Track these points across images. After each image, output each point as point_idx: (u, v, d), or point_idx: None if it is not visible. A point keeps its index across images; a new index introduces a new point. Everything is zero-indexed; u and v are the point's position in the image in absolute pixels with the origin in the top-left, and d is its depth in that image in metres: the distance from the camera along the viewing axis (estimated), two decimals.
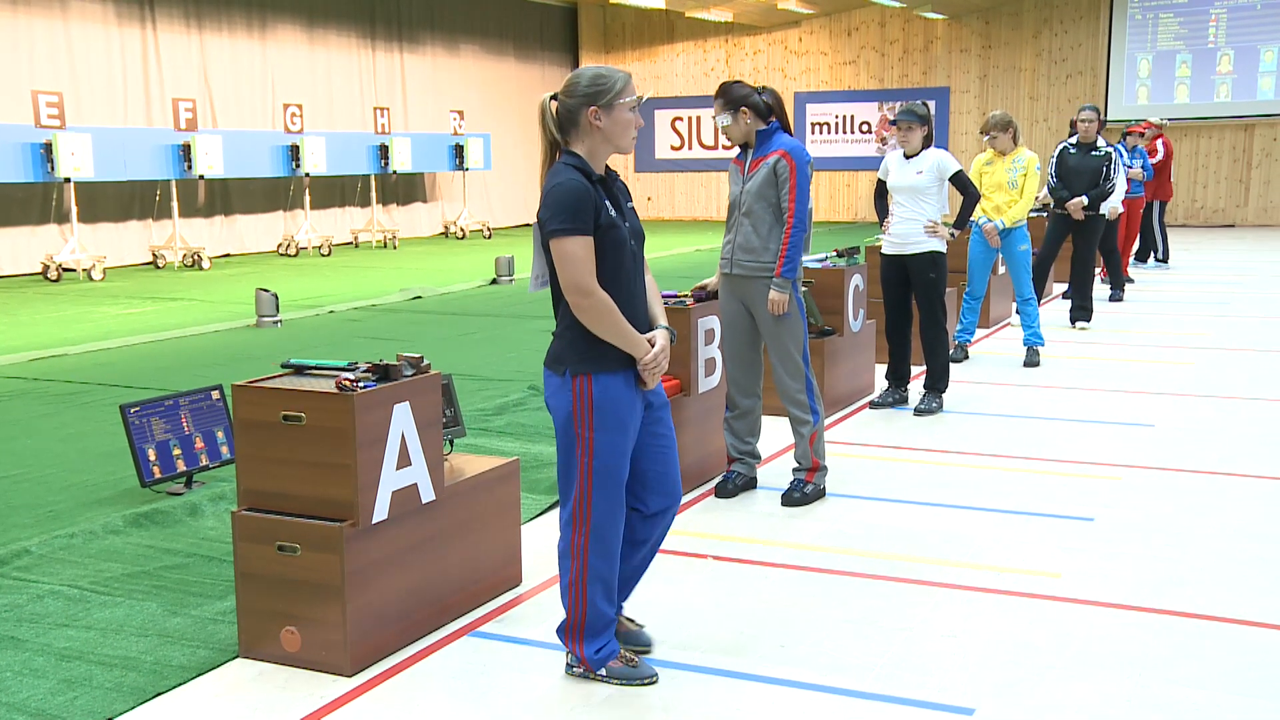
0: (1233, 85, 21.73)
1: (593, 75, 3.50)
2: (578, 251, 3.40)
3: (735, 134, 5.36)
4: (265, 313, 11.00)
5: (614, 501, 3.57)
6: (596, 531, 3.56)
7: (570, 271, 3.41)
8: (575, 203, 3.40)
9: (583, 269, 3.41)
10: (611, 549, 3.60)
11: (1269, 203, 21.79)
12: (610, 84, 3.49)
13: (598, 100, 3.47)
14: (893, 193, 7.22)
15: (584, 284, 3.41)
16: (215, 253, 18.18)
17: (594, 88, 3.48)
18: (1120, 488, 5.69)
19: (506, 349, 9.70)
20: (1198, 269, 15.28)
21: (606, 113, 3.48)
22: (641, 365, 3.54)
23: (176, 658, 3.81)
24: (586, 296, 3.42)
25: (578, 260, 3.40)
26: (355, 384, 3.67)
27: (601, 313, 3.44)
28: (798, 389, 5.49)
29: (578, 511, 3.57)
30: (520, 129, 25.02)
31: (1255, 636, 3.95)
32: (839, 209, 25.22)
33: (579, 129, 3.51)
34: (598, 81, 3.49)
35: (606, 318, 3.45)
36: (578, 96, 3.48)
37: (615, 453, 3.53)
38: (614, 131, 3.51)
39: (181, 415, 5.60)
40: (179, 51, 17.69)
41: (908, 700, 3.51)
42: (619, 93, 3.49)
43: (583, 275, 3.41)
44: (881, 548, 4.88)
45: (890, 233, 7.20)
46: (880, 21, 24.30)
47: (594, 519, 3.56)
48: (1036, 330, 8.94)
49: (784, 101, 5.45)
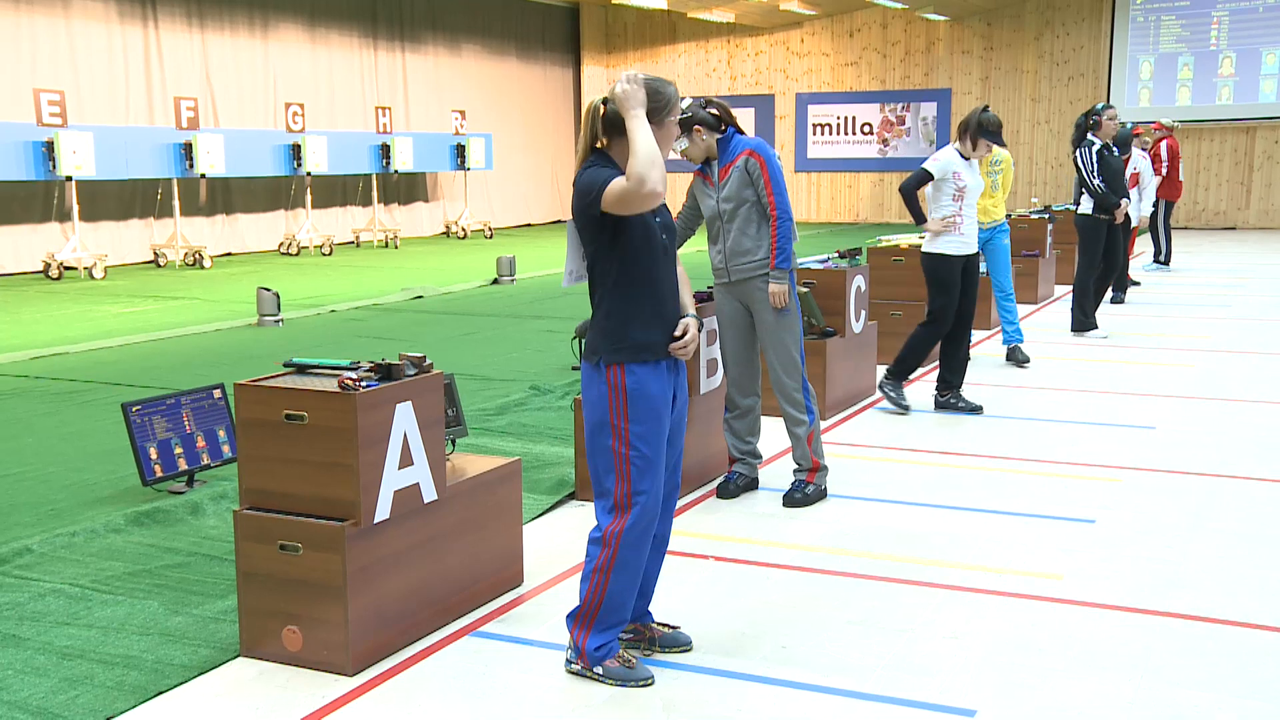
0: (1234, 88, 21.73)
1: (653, 89, 3.56)
2: (614, 183, 3.43)
3: (696, 153, 5.37)
4: (266, 312, 11.00)
5: (654, 492, 3.63)
6: (635, 520, 3.61)
7: (618, 187, 3.42)
8: (602, 174, 3.48)
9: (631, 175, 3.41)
10: (644, 541, 3.64)
11: (1270, 205, 21.79)
12: (665, 99, 3.58)
13: (652, 116, 3.54)
14: (966, 193, 7.19)
15: (643, 174, 3.37)
16: (216, 251, 18.19)
17: (651, 102, 3.54)
18: (1121, 490, 5.69)
19: (508, 349, 9.70)
20: (1199, 271, 15.28)
21: (658, 127, 3.56)
22: (672, 348, 3.63)
23: (178, 657, 3.81)
24: (642, 176, 3.36)
25: (615, 181, 3.45)
26: (357, 383, 3.68)
27: (638, 154, 3.37)
28: (794, 387, 5.49)
29: (620, 501, 3.61)
30: (522, 129, 25.03)
31: (1256, 638, 3.95)
32: (840, 210, 25.22)
33: (624, 137, 3.55)
34: (655, 97, 3.55)
35: (636, 146, 3.38)
36: None
37: (651, 442, 3.59)
38: (659, 143, 3.58)
39: (183, 414, 5.60)
40: (181, 50, 17.70)
41: (909, 701, 3.51)
42: (669, 109, 3.60)
43: (641, 170, 3.37)
44: (883, 549, 4.88)
45: (963, 232, 7.19)
46: (882, 23, 24.30)
47: (635, 508, 3.60)
48: (1018, 326, 8.99)
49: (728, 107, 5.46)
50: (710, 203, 5.46)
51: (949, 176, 7.15)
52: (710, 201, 5.46)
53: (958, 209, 7.15)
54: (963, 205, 7.16)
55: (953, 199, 7.16)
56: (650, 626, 3.89)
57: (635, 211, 3.46)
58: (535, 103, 25.56)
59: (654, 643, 3.86)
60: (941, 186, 7.18)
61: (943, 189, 7.18)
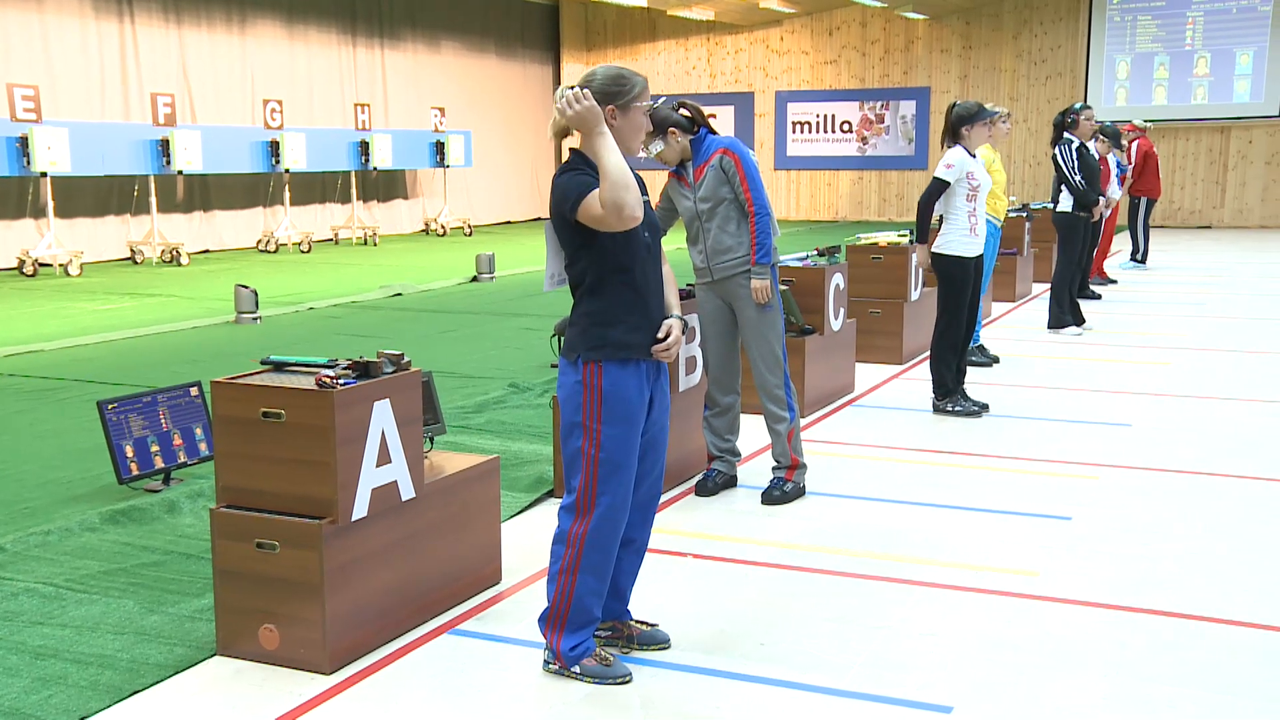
0: (1209, 88, 21.89)
1: (615, 75, 3.55)
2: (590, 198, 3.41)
3: (671, 155, 5.36)
4: (244, 309, 10.95)
5: (620, 496, 3.59)
6: (598, 524, 3.58)
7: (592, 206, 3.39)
8: (580, 183, 3.44)
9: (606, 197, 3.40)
10: (609, 544, 3.61)
11: (1244, 204, 21.95)
12: (630, 85, 3.55)
13: (616, 100, 3.53)
14: (978, 193, 7.17)
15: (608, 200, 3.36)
16: (194, 249, 18.09)
17: (615, 86, 3.53)
18: (1098, 487, 5.72)
19: (487, 347, 9.68)
20: (1175, 270, 15.38)
21: (623, 113, 3.55)
22: (654, 350, 3.59)
23: (153, 655, 3.79)
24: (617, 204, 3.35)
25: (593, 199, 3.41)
26: (335, 381, 3.66)
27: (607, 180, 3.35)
28: (776, 384, 5.50)
29: (582, 501, 3.58)
30: (502, 126, 24.99)
31: (1231, 634, 3.98)
32: (820, 208, 25.28)
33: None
34: (618, 82, 3.54)
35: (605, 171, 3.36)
36: (598, 93, 3.52)
37: (623, 446, 3.56)
38: (627, 132, 3.57)
39: (160, 412, 5.57)
40: (157, 46, 17.59)
41: (887, 698, 3.53)
42: (636, 95, 3.56)
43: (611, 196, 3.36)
44: (861, 546, 4.89)
45: (977, 233, 7.19)
46: (861, 21, 24.37)
47: (597, 511, 3.57)
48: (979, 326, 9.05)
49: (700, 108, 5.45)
50: (688, 203, 5.46)
51: (964, 178, 7.11)
52: (688, 202, 5.46)
53: (971, 209, 7.15)
54: (976, 204, 7.15)
55: (966, 199, 7.13)
56: (628, 624, 3.88)
57: (615, 231, 3.44)
58: (515, 100, 25.52)
59: (632, 640, 3.86)
60: (956, 189, 7.13)
61: (957, 191, 7.12)
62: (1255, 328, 10.57)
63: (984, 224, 7.24)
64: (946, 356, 7.26)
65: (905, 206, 24.40)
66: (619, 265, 3.54)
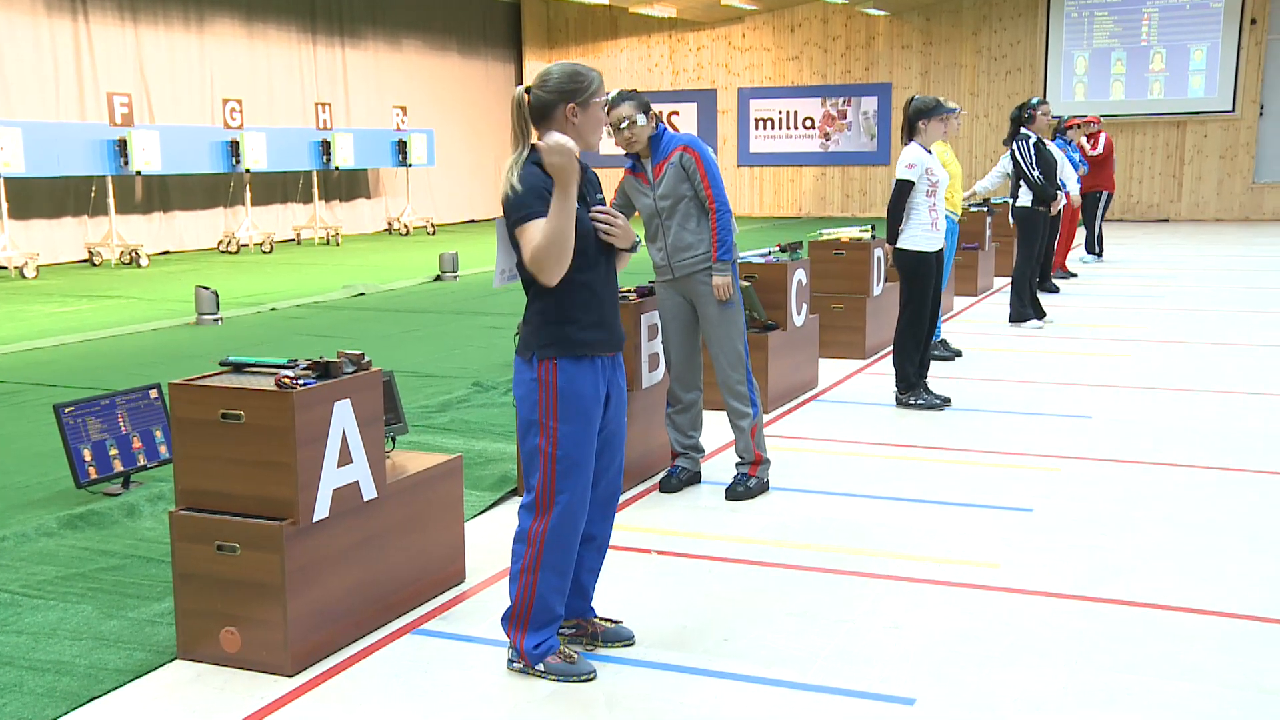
0: (1165, 83, 22.15)
1: (572, 72, 3.54)
2: (534, 234, 3.41)
3: (644, 134, 5.34)
4: (205, 310, 10.85)
5: (578, 493, 3.58)
6: (557, 522, 3.57)
7: (532, 253, 3.42)
8: (531, 195, 3.42)
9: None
10: (569, 542, 3.60)
11: (1200, 198, 22.21)
12: (588, 82, 3.54)
13: (576, 97, 3.53)
14: (937, 188, 7.19)
15: (534, 259, 3.42)
16: (154, 250, 17.91)
17: (573, 84, 3.52)
18: (1058, 479, 5.77)
19: (450, 346, 9.65)
20: (1133, 263, 15.54)
21: (583, 110, 3.54)
22: (593, 215, 3.57)
23: (112, 661, 3.75)
24: (540, 265, 3.41)
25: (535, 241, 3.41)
26: (295, 381, 3.64)
27: (546, 238, 3.38)
28: (738, 379, 5.52)
29: (541, 500, 3.57)
30: (464, 125, 24.90)
31: (1187, 622, 4.02)
32: (783, 204, 25.35)
33: (552, 123, 3.54)
34: (576, 79, 3.53)
35: (549, 231, 3.38)
36: (555, 92, 3.51)
37: (580, 444, 3.55)
38: (587, 128, 3.57)
39: (118, 415, 5.51)
40: (113, 44, 17.39)
41: (850, 691, 3.54)
42: (594, 91, 3.56)
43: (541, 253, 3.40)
44: (824, 540, 4.91)
45: (938, 227, 7.22)
46: (823, 18, 24.46)
47: (556, 509, 3.56)
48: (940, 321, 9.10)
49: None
50: (647, 201, 5.45)
51: (924, 174, 7.15)
52: (646, 200, 5.45)
53: (931, 204, 7.18)
54: (935, 199, 7.19)
55: (926, 195, 7.16)
56: (592, 621, 3.88)
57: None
58: (477, 98, 25.43)
59: (596, 637, 3.86)
60: (916, 186, 7.16)
61: (917, 188, 7.15)
62: (1213, 319, 10.70)
63: (944, 219, 7.28)
64: (910, 351, 7.30)
65: (868, 202, 24.52)
66: (575, 264, 3.52)
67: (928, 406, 7.27)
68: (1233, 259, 15.79)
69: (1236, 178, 21.92)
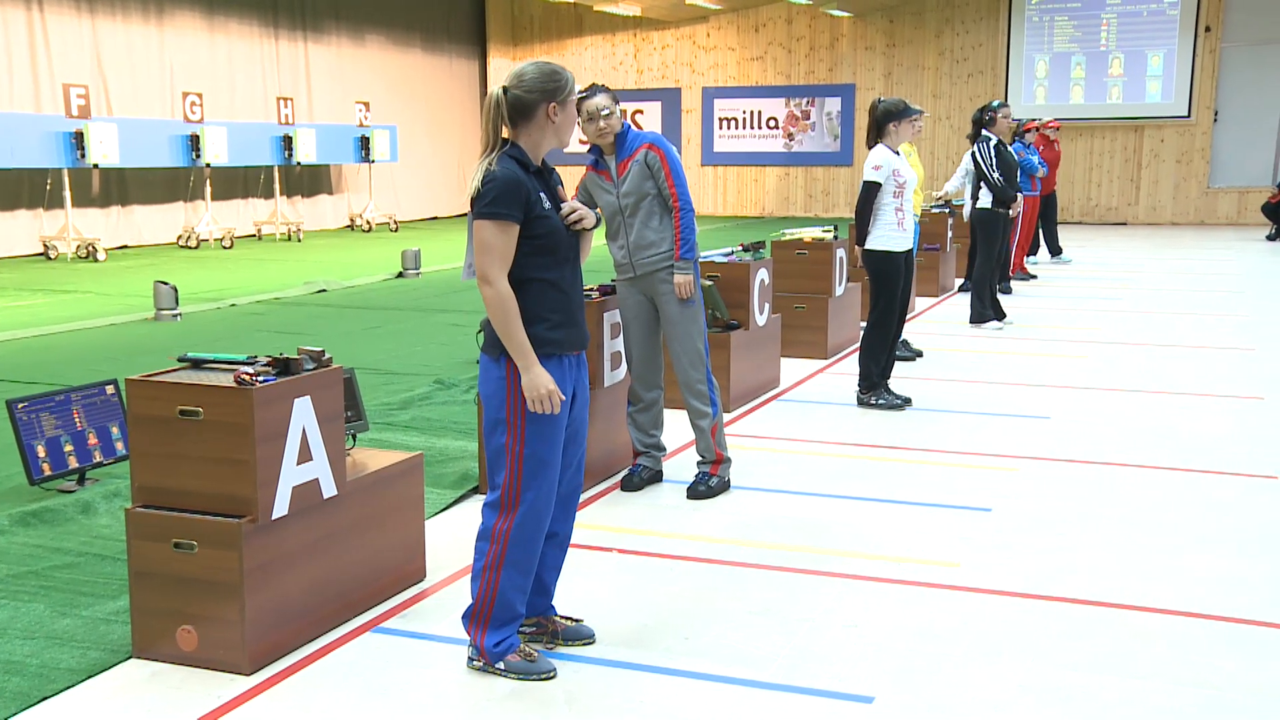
0: (1123, 88, 22.41)
1: (549, 71, 3.58)
2: (490, 239, 3.46)
3: (615, 125, 5.34)
4: (164, 306, 10.74)
5: (544, 492, 3.59)
6: (522, 519, 3.58)
7: (480, 257, 3.49)
8: (505, 190, 3.46)
9: (492, 257, 3.47)
10: (534, 540, 3.61)
11: (1157, 201, 22.49)
12: (566, 81, 3.60)
13: (557, 96, 3.57)
14: (903, 189, 7.21)
15: (487, 272, 3.48)
16: (111, 244, 17.70)
17: (553, 83, 3.56)
18: (1017, 479, 5.82)
19: (413, 343, 9.60)
20: (1092, 265, 15.71)
21: (562, 108, 3.59)
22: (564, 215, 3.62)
23: (65, 660, 3.70)
24: (487, 284, 3.49)
25: (489, 248, 3.47)
26: (254, 378, 3.61)
27: (497, 306, 3.49)
28: (699, 379, 5.53)
29: (507, 497, 3.58)
30: (427, 121, 24.78)
31: (1142, 620, 4.07)
32: (746, 204, 25.42)
33: (532, 122, 3.57)
34: (555, 78, 3.57)
35: (501, 314, 3.49)
36: (536, 91, 3.54)
37: (546, 441, 3.56)
38: (564, 126, 3.62)
39: (74, 410, 5.44)
40: (69, 36, 17.15)
41: (809, 690, 3.56)
42: (571, 89, 3.62)
43: (489, 263, 3.48)
44: (785, 539, 4.93)
45: (904, 227, 7.24)
46: (787, 18, 24.54)
47: (522, 508, 3.57)
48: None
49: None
50: (610, 198, 5.45)
51: (890, 176, 7.18)
52: (610, 197, 5.45)
53: (898, 205, 7.21)
54: (902, 200, 7.23)
55: (893, 195, 7.18)
56: (553, 620, 3.88)
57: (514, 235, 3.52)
58: (440, 94, 25.32)
59: (557, 636, 3.86)
60: (883, 187, 7.19)
61: (884, 189, 7.18)
62: (1168, 321, 10.83)
63: (911, 219, 7.32)
64: (877, 351, 7.35)
65: (831, 202, 24.63)
66: (542, 264, 3.56)
67: (889, 406, 7.32)
68: (1188, 262, 15.99)
69: (1192, 182, 22.20)
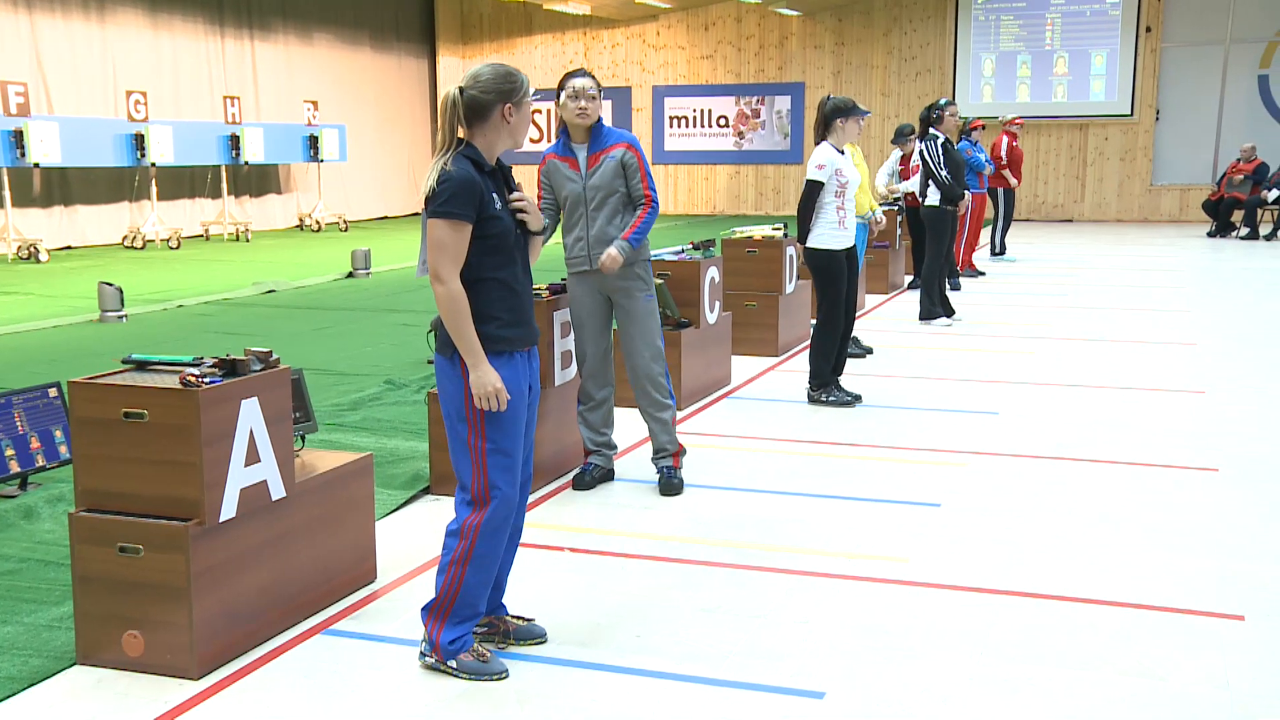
0: (1068, 86, 22.71)
1: (505, 72, 3.61)
2: (444, 237, 3.48)
3: (595, 111, 5.33)
4: (109, 307, 10.59)
5: (511, 486, 3.63)
6: (492, 515, 3.60)
7: (433, 255, 3.51)
8: (460, 189, 3.48)
9: (444, 255, 3.49)
10: (500, 535, 3.63)
11: (1102, 199, 22.81)
12: (521, 83, 3.62)
13: (512, 97, 3.59)
14: (847, 188, 7.24)
15: (440, 271, 3.51)
16: (54, 245, 17.42)
17: (508, 84, 3.59)
18: (966, 474, 5.89)
19: (362, 343, 9.53)
20: (1039, 262, 15.90)
21: (517, 109, 3.62)
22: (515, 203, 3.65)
23: (6, 668, 3.64)
24: (439, 283, 3.51)
25: (443, 246, 3.49)
26: (200, 380, 3.57)
27: (448, 303, 3.51)
28: (660, 372, 5.56)
29: (478, 494, 3.60)
30: (377, 120, 24.61)
31: (1089, 613, 4.13)
32: (697, 202, 25.48)
33: (487, 123, 3.59)
34: (510, 80, 3.60)
35: (453, 314, 3.52)
36: (493, 92, 3.57)
37: (507, 435, 3.59)
38: (519, 127, 3.64)
39: (15, 414, 5.35)
40: (6, 32, 16.86)
41: (761, 686, 3.58)
42: (526, 91, 3.64)
43: (441, 262, 3.50)
44: (737, 537, 4.95)
45: (845, 225, 7.27)
46: (737, 17, 24.63)
47: (494, 501, 3.59)
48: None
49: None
50: (575, 187, 5.40)
51: (833, 176, 7.21)
52: (575, 186, 5.40)
53: (839, 204, 7.25)
54: (844, 200, 7.26)
55: (835, 195, 7.21)
56: (505, 619, 3.87)
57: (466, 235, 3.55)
58: (390, 93, 25.15)
59: (509, 635, 3.85)
60: (826, 187, 7.23)
61: (826, 188, 7.22)
62: (1114, 317, 10.99)
63: (853, 217, 7.37)
64: (826, 349, 7.39)
65: (781, 200, 24.74)
66: (494, 263, 3.59)
67: (839, 403, 7.37)
68: (1132, 259, 16.24)
69: (1136, 180, 22.54)
